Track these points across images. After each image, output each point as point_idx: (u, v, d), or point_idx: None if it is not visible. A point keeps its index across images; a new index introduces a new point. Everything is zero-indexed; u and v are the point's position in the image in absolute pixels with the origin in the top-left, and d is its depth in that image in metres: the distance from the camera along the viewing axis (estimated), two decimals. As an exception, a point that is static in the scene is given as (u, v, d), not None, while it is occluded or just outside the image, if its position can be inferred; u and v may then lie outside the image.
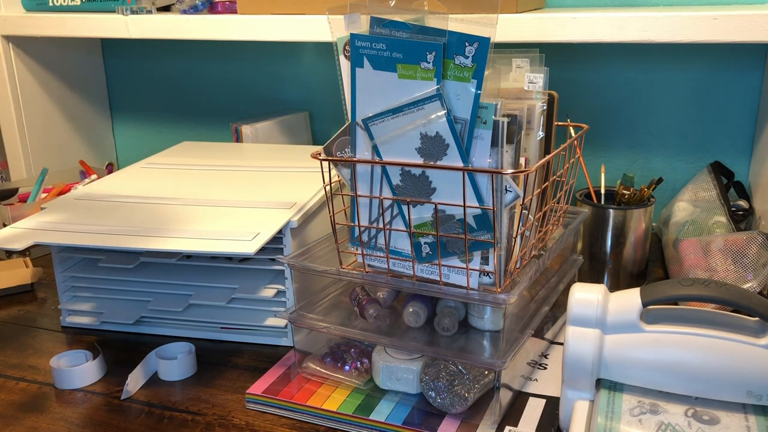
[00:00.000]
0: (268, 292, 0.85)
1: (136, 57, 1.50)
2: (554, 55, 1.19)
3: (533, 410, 0.71)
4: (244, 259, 0.87)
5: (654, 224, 1.11)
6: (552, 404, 0.71)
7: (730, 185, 1.11)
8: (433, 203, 0.66)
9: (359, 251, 0.72)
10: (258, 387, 0.75)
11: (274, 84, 1.41)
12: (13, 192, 1.20)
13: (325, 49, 1.31)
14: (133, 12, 1.12)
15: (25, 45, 1.30)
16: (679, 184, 1.17)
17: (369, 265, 0.72)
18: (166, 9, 1.21)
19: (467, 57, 0.61)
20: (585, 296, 0.62)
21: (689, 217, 1.01)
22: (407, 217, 0.68)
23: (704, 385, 0.59)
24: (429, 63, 0.62)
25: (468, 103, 0.62)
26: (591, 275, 0.98)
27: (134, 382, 0.77)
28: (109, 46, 1.52)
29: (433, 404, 0.70)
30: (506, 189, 0.64)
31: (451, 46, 0.61)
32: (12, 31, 1.24)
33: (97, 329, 0.91)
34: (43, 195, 1.19)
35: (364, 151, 0.68)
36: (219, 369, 0.80)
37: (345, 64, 0.67)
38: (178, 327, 0.89)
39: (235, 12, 1.09)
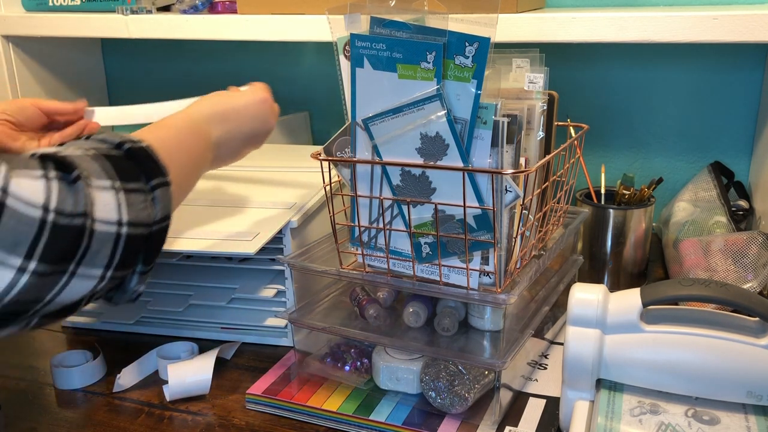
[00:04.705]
0: (268, 292, 0.85)
1: (136, 57, 1.50)
2: (554, 55, 1.18)
3: (533, 410, 0.71)
4: (244, 259, 0.87)
5: (654, 224, 1.11)
6: (552, 404, 0.71)
7: (731, 185, 1.11)
8: (433, 203, 0.66)
9: (359, 251, 0.72)
10: (258, 387, 0.75)
11: (274, 84, 1.40)
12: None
13: (325, 49, 1.31)
14: (133, 12, 1.12)
15: (25, 45, 1.30)
16: (679, 184, 1.17)
17: (369, 265, 0.72)
18: (166, 9, 1.21)
19: (467, 57, 0.61)
20: (585, 296, 0.62)
21: (689, 217, 1.01)
22: (407, 217, 0.68)
23: (704, 386, 0.59)
24: (429, 63, 0.62)
25: (468, 103, 0.62)
26: (591, 275, 0.98)
27: (127, 376, 0.77)
28: (109, 46, 1.52)
29: (433, 404, 0.70)
30: (506, 189, 0.64)
31: (451, 46, 0.61)
32: (12, 31, 1.24)
33: (97, 329, 0.91)
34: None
35: (364, 151, 0.68)
36: (219, 369, 0.80)
37: (345, 64, 0.67)
38: (178, 327, 0.88)
39: (235, 12, 1.09)
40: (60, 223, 0.48)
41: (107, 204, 0.53)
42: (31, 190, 0.48)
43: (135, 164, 0.57)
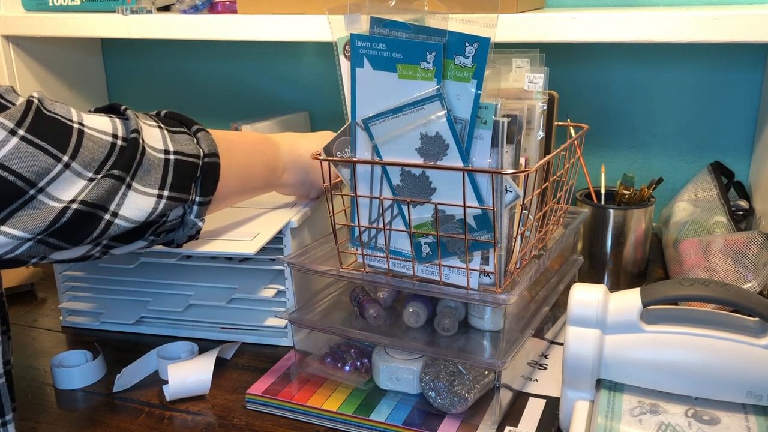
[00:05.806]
0: (268, 292, 0.85)
1: (136, 57, 1.50)
2: (554, 55, 1.18)
3: (533, 410, 0.71)
4: (244, 259, 0.87)
5: (654, 224, 1.11)
6: (552, 404, 0.71)
7: (731, 185, 1.11)
8: (433, 203, 0.66)
9: (359, 251, 0.72)
10: (258, 387, 0.75)
11: (274, 84, 1.41)
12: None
13: (325, 49, 1.31)
14: (133, 12, 1.12)
15: (25, 45, 1.30)
16: (679, 184, 1.17)
17: (369, 265, 0.72)
18: (166, 9, 1.21)
19: (467, 57, 0.61)
20: (585, 296, 0.62)
21: (689, 217, 1.01)
22: (407, 217, 0.68)
23: (704, 385, 0.59)
24: (429, 63, 0.62)
25: (468, 103, 0.62)
26: (591, 275, 0.98)
27: (127, 376, 0.77)
28: (109, 46, 1.52)
29: (433, 404, 0.70)
30: (506, 189, 0.64)
31: (451, 46, 0.61)
32: (12, 31, 1.24)
33: (97, 329, 0.91)
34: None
35: (364, 151, 0.68)
36: (219, 369, 0.80)
37: (345, 64, 0.67)
38: (178, 327, 0.88)
39: (235, 12, 1.09)
40: (123, 146, 0.62)
41: (154, 135, 0.66)
42: (101, 123, 0.62)
43: (176, 121, 0.71)
